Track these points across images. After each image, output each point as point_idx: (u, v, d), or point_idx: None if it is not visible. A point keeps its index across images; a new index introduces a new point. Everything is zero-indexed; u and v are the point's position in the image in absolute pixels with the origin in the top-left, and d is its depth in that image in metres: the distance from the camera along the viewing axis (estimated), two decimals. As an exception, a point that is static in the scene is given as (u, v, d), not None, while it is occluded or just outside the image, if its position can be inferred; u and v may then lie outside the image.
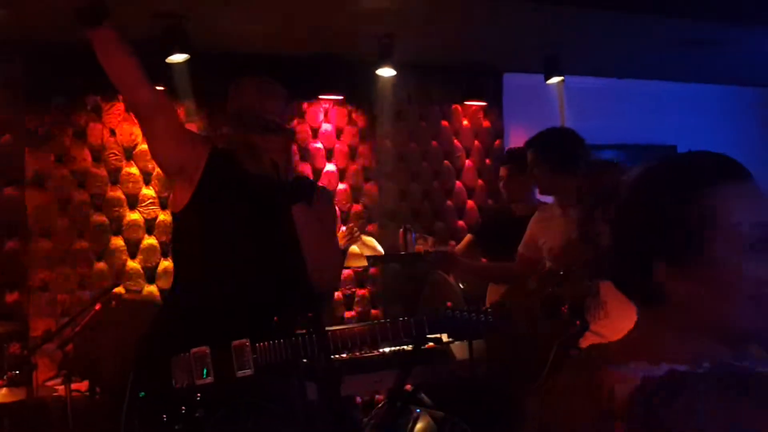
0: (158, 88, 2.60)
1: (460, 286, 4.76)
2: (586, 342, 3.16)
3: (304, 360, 2.37)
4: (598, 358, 1.21)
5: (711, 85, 7.03)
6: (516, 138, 6.33)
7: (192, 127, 4.74)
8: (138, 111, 2.49)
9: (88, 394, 3.97)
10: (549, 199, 3.72)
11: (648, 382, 1.11)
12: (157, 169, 4.89)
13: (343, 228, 4.55)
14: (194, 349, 2.32)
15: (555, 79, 5.91)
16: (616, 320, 3.18)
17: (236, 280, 2.44)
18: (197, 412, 2.29)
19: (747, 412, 1.06)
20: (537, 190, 3.96)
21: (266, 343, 2.35)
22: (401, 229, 4.35)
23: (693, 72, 6.63)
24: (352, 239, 4.45)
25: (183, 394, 2.31)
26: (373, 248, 4.83)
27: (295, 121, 5.53)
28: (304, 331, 2.36)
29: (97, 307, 3.87)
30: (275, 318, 2.38)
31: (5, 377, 3.89)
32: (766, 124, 7.44)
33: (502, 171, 4.45)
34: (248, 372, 2.33)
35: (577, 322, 3.04)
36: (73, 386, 3.83)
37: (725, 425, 1.06)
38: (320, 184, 5.57)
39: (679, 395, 1.08)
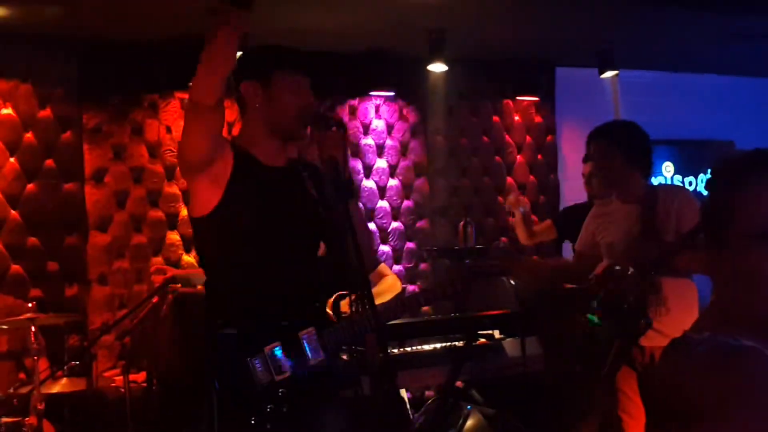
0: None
1: (511, 282, 4.73)
2: (647, 340, 3.12)
3: (360, 348, 2.40)
4: None
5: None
6: (568, 134, 6.27)
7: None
8: (198, 109, 2.36)
9: (145, 385, 4.05)
10: None
11: None
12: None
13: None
14: (267, 347, 2.34)
15: (609, 73, 5.82)
16: (677, 316, 3.13)
17: (289, 273, 2.46)
18: (284, 407, 2.32)
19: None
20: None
21: (330, 327, 2.43)
22: (461, 222, 4.34)
23: (748, 66, 6.48)
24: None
25: (266, 392, 2.32)
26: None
27: (347, 118, 5.56)
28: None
29: (155, 300, 3.94)
30: (334, 296, 2.43)
31: (65, 368, 4.00)
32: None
33: (587, 168, 4.48)
34: (320, 358, 2.37)
35: (642, 321, 3.00)
36: (131, 377, 3.91)
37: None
38: (372, 179, 5.62)
39: None
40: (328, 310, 2.87)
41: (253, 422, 2.29)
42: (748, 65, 6.46)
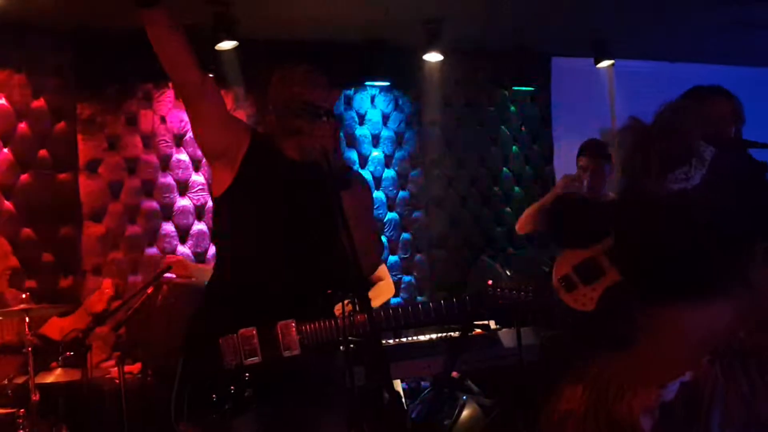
0: (208, 75, 2.62)
1: (507, 273, 4.73)
2: None
3: (351, 345, 2.39)
4: None
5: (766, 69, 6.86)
6: (564, 123, 6.26)
7: (240, 114, 4.79)
8: (186, 94, 2.51)
9: (140, 376, 4.05)
10: None
11: None
12: (206, 156, 4.95)
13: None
14: (242, 330, 2.36)
15: (605, 63, 5.81)
16: None
17: (281, 264, 2.47)
18: (246, 391, 2.33)
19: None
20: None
21: (312, 324, 2.40)
22: None
23: (745, 55, 6.46)
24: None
25: (232, 374, 2.34)
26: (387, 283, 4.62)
27: (342, 108, 5.54)
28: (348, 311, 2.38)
29: (149, 291, 3.93)
30: (328, 291, 2.42)
31: (60, 358, 3.99)
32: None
33: (581, 161, 4.50)
34: (295, 352, 2.36)
35: None
36: (126, 368, 3.90)
37: None
38: (367, 170, 5.61)
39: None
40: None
41: (214, 399, 2.30)
42: (746, 55, 6.45)
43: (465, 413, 4.11)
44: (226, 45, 4.62)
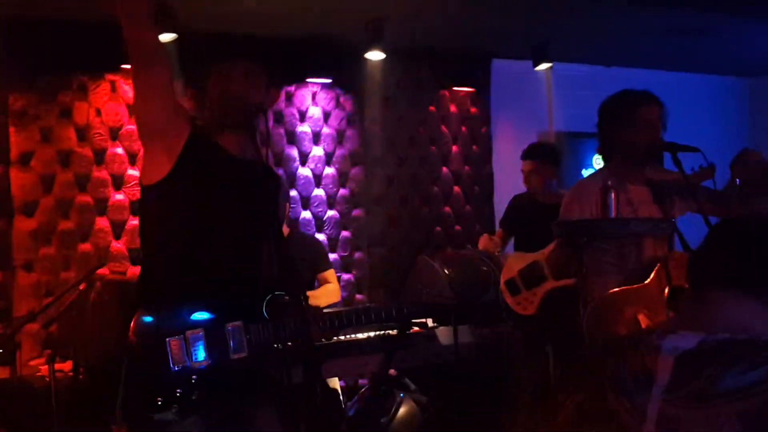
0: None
1: (446, 272, 4.77)
2: None
3: (289, 343, 2.39)
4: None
5: (698, 75, 7.07)
6: (503, 125, 6.34)
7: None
8: (141, 52, 2.36)
9: (72, 374, 3.96)
10: None
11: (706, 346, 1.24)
12: (142, 150, 4.86)
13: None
14: (189, 332, 2.32)
15: (543, 66, 5.91)
16: None
17: (223, 260, 2.44)
18: (193, 394, 2.29)
19: None
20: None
21: (258, 324, 2.38)
22: None
23: (679, 61, 6.65)
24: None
25: (179, 376, 2.30)
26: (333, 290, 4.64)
27: (283, 104, 5.51)
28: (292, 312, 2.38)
29: (82, 287, 3.85)
30: (271, 290, 2.41)
31: (-12, 356, 3.88)
32: (748, 114, 7.49)
33: (526, 165, 4.68)
34: (243, 354, 2.34)
35: None
36: (57, 366, 3.81)
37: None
38: (307, 167, 5.59)
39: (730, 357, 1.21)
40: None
41: (159, 403, 2.27)
42: (680, 61, 6.64)
43: (402, 411, 4.13)
44: (165, 37, 4.55)
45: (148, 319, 2.37)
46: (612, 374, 1.26)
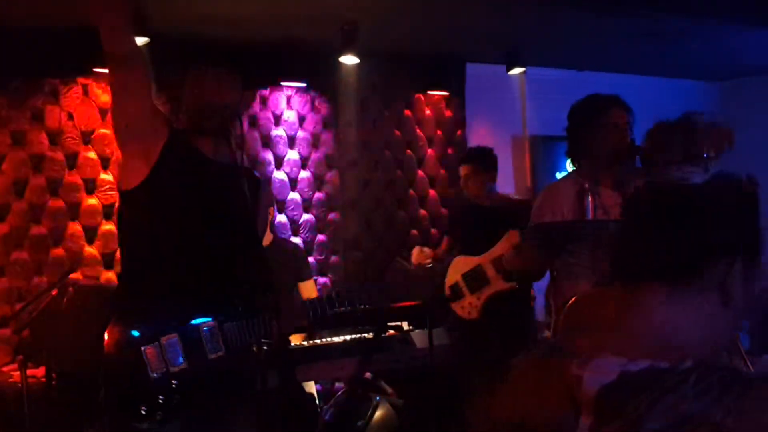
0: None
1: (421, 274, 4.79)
2: None
3: (264, 346, 2.39)
4: (568, 352, 1.25)
5: (670, 79, 7.15)
6: (477, 128, 6.37)
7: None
8: (121, 57, 2.36)
9: (44, 380, 3.92)
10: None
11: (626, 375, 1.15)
12: (116, 154, 4.83)
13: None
14: (164, 337, 2.30)
15: (516, 70, 5.96)
16: None
17: (201, 264, 2.44)
18: (174, 399, 2.28)
19: (726, 411, 1.08)
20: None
21: (233, 323, 2.39)
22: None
23: (651, 66, 6.73)
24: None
25: (159, 383, 2.29)
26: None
27: (258, 108, 5.50)
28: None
29: (54, 292, 3.82)
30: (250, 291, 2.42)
31: (-41, 363, 3.83)
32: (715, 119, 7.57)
33: (463, 170, 4.67)
34: (220, 353, 2.34)
35: None
36: (30, 372, 3.78)
37: (703, 422, 1.08)
38: (283, 171, 5.58)
39: (655, 391, 1.12)
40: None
41: (143, 412, 2.26)
42: (653, 65, 6.71)
43: (378, 414, 4.13)
44: (137, 41, 4.51)
45: (125, 328, 2.35)
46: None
